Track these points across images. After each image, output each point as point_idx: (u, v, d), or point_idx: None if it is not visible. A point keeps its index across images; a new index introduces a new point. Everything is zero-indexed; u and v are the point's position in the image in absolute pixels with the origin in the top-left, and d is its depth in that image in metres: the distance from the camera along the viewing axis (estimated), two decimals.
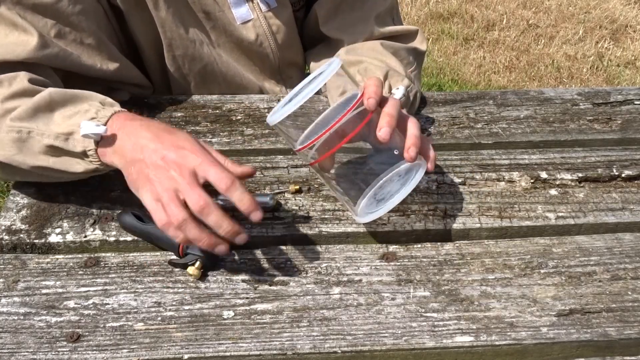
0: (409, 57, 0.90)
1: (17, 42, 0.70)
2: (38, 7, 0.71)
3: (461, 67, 2.58)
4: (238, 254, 0.69)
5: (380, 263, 0.68)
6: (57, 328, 0.60)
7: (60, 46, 0.74)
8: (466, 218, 0.74)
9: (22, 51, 0.70)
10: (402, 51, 0.89)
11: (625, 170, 0.81)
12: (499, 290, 0.65)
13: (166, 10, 0.82)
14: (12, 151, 0.66)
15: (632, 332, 0.62)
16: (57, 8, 0.72)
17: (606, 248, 0.71)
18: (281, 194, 0.75)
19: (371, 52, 0.87)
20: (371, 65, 0.83)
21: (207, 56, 0.89)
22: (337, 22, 0.92)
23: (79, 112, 0.66)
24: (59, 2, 0.72)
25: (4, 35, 0.71)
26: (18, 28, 0.71)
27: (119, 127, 0.64)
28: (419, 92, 0.89)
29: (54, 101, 0.67)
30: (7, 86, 0.69)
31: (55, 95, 0.67)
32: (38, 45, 0.71)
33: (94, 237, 0.70)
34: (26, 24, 0.71)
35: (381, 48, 0.87)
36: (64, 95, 0.68)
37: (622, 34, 2.87)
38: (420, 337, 0.61)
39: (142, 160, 0.60)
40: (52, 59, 0.73)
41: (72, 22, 0.74)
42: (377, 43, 0.88)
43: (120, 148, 0.63)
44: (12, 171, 0.70)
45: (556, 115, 0.92)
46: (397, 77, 0.82)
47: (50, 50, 0.72)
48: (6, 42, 0.70)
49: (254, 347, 0.59)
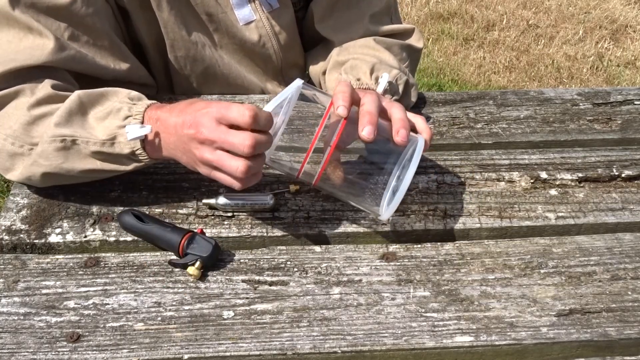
0: (402, 53, 0.90)
1: (34, 46, 0.70)
2: (51, 10, 0.71)
3: (461, 67, 2.58)
4: (238, 254, 0.69)
5: (380, 263, 0.68)
6: (57, 328, 0.60)
7: (76, 48, 0.74)
8: (466, 218, 0.74)
9: (41, 55, 0.70)
10: (395, 47, 0.89)
11: (625, 170, 0.81)
12: (499, 290, 0.65)
13: (169, 11, 0.82)
14: (59, 160, 0.67)
15: (632, 332, 0.62)
16: (70, 10, 0.72)
17: (606, 248, 0.71)
18: (281, 194, 0.75)
19: (362, 49, 0.87)
20: (357, 61, 0.84)
21: (209, 58, 0.89)
22: (333, 20, 0.92)
23: (111, 111, 0.67)
24: (72, 4, 0.72)
25: (19, 40, 0.71)
26: (33, 32, 0.70)
27: (156, 120, 0.66)
28: (414, 86, 0.89)
29: (83, 103, 0.68)
30: (30, 94, 0.70)
31: (84, 97, 0.68)
32: (55, 48, 0.71)
33: (94, 237, 0.70)
34: (41, 27, 0.70)
35: (373, 43, 0.88)
36: (90, 95, 0.69)
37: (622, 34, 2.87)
38: (420, 337, 0.61)
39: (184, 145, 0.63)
40: (69, 61, 0.73)
41: (85, 23, 0.74)
42: (370, 39, 0.88)
43: (165, 142, 0.65)
44: (57, 179, 0.70)
45: (556, 116, 0.92)
46: (384, 69, 0.82)
47: (67, 53, 0.72)
48: (22, 47, 0.70)
49: (254, 347, 0.59)
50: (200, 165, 0.64)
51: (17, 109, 0.69)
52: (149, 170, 0.78)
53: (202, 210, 0.73)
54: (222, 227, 0.71)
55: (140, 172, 0.78)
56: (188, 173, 0.77)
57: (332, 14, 0.92)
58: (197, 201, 0.74)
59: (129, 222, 0.69)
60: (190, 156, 0.64)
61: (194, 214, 0.73)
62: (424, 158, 0.82)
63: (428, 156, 0.82)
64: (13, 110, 0.70)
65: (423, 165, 0.81)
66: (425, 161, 0.81)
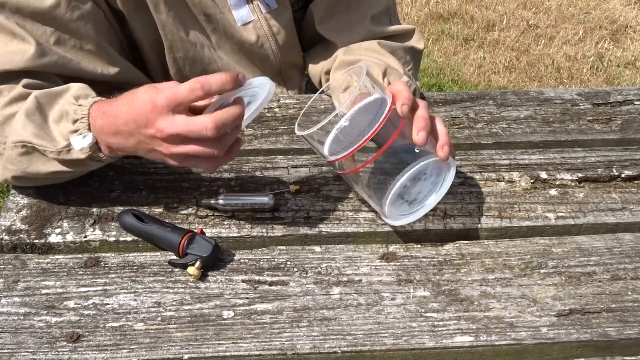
0: (406, 56, 0.90)
1: (16, 51, 0.71)
2: (36, 15, 0.71)
3: (461, 67, 2.58)
4: (238, 254, 0.69)
5: (380, 263, 0.68)
6: (57, 328, 0.60)
7: (60, 53, 0.74)
8: (466, 218, 0.74)
9: (20, 60, 0.70)
10: (399, 50, 0.89)
11: (625, 170, 0.81)
12: (498, 290, 0.65)
13: (166, 12, 0.82)
14: (24, 164, 0.68)
15: (632, 332, 0.62)
16: (55, 15, 0.72)
17: (606, 248, 0.71)
18: (281, 194, 0.75)
19: (369, 52, 0.87)
20: (369, 63, 0.83)
21: (207, 59, 0.89)
22: (333, 22, 0.92)
23: (62, 114, 0.67)
24: (56, 9, 0.72)
25: (4, 45, 0.71)
26: (17, 37, 0.71)
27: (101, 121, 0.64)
28: (418, 90, 0.89)
29: (41, 104, 0.68)
30: (6, 94, 0.70)
31: (41, 97, 0.68)
32: (36, 53, 0.71)
33: (94, 237, 0.70)
34: (24, 32, 0.71)
35: (378, 47, 0.88)
36: (47, 95, 0.68)
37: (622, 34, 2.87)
38: (420, 337, 0.61)
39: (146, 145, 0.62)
40: (51, 67, 0.73)
41: (70, 28, 0.74)
42: (374, 42, 0.88)
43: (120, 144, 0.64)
44: (28, 181, 0.72)
45: (556, 116, 0.92)
46: (395, 75, 0.82)
47: (49, 59, 0.72)
48: (6, 51, 0.71)
49: (254, 347, 0.59)
50: (169, 159, 0.63)
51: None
52: (149, 170, 0.78)
53: (202, 210, 0.73)
54: (222, 227, 0.71)
55: (140, 172, 0.78)
56: (188, 173, 0.77)
57: (333, 15, 0.92)
58: (197, 201, 0.74)
59: (129, 222, 0.69)
60: (156, 154, 0.63)
61: (194, 214, 0.73)
62: None
63: None
64: None
65: None
66: None
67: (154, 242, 0.69)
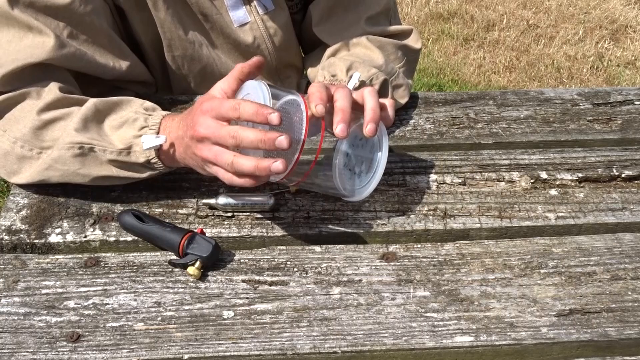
0: (397, 52, 0.90)
1: (34, 44, 0.71)
2: (50, 9, 0.71)
3: (461, 67, 2.58)
4: (238, 254, 0.69)
5: (380, 263, 0.68)
6: (57, 328, 0.60)
7: (76, 46, 0.74)
8: (466, 218, 0.74)
9: (41, 52, 0.70)
10: (388, 46, 0.89)
11: (625, 170, 0.81)
12: (499, 290, 0.65)
13: (165, 11, 0.82)
14: (76, 166, 0.69)
15: (632, 332, 0.62)
16: (70, 9, 0.72)
17: (606, 248, 0.71)
18: (281, 194, 0.75)
19: (354, 47, 0.88)
20: (335, 60, 0.84)
21: (206, 57, 0.89)
22: (330, 24, 0.92)
23: (127, 120, 0.69)
24: (71, 3, 0.72)
25: (19, 39, 0.71)
26: (33, 30, 0.71)
27: (169, 131, 0.67)
28: (408, 87, 0.89)
29: (99, 111, 0.70)
30: (36, 97, 0.71)
31: (100, 105, 0.70)
32: (56, 45, 0.71)
33: (94, 237, 0.70)
34: (40, 25, 0.71)
35: (366, 41, 0.88)
36: (106, 103, 0.71)
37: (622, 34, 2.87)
38: (420, 337, 0.61)
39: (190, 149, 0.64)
40: (69, 59, 0.73)
41: (84, 22, 0.74)
42: (363, 37, 0.88)
43: (177, 151, 0.67)
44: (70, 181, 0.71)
45: (556, 116, 0.92)
46: (362, 68, 0.82)
47: (67, 50, 0.73)
48: (22, 46, 0.71)
49: (254, 347, 0.59)
50: (204, 165, 0.64)
51: (25, 112, 0.70)
52: None
53: (202, 210, 0.73)
54: (222, 227, 0.71)
55: None
56: (188, 173, 0.77)
57: (330, 18, 0.92)
58: (197, 201, 0.74)
59: (129, 222, 0.69)
60: (196, 160, 0.65)
61: (194, 214, 0.73)
62: (424, 158, 0.82)
63: (428, 156, 0.82)
64: (20, 114, 0.70)
65: (423, 165, 0.81)
66: (425, 161, 0.81)
67: (154, 242, 0.69)
